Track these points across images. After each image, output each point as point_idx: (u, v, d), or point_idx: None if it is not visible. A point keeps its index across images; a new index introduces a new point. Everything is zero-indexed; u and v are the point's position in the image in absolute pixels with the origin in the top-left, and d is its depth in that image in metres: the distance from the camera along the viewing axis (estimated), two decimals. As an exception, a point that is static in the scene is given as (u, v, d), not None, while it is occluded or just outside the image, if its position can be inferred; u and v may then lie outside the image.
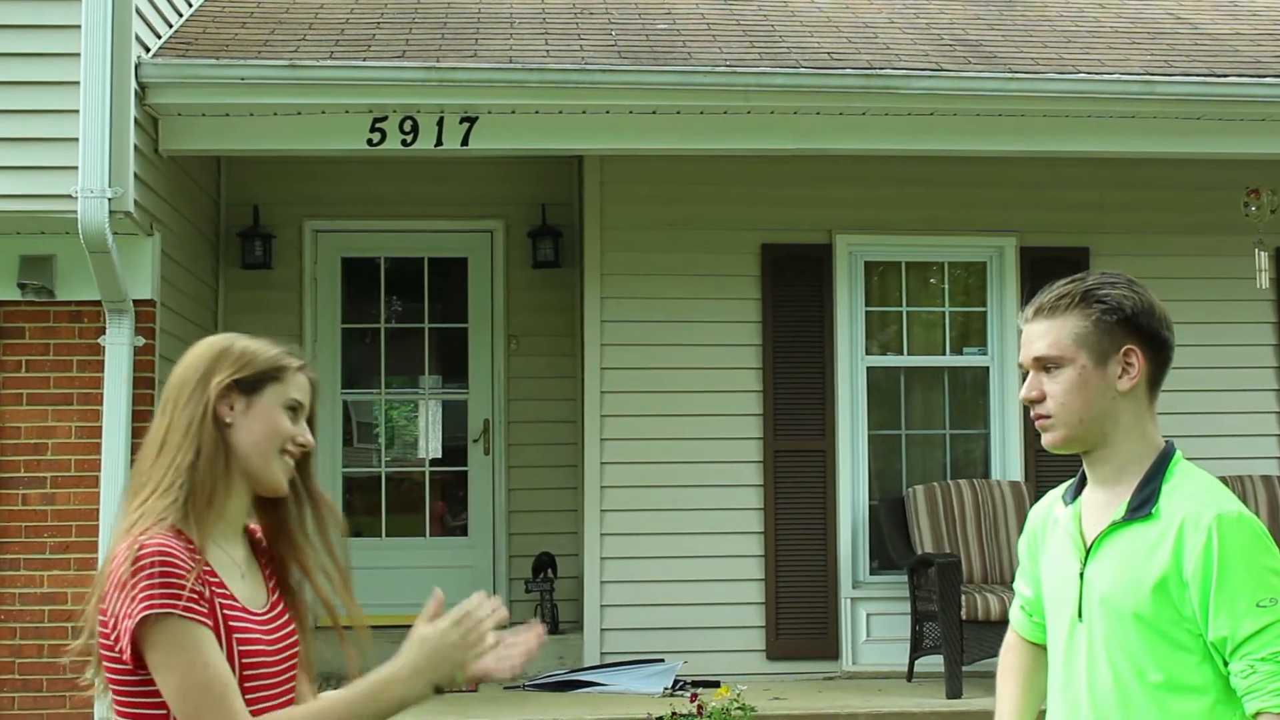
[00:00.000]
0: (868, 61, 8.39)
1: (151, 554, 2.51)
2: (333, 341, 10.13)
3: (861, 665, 9.17)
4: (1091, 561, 2.73)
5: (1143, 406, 2.76)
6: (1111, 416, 2.73)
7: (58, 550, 7.74)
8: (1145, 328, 2.74)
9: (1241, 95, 8.40)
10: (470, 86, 8.04)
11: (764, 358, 9.30)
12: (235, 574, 2.68)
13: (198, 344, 2.78)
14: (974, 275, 9.71)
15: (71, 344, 7.88)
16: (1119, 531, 2.70)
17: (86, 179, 7.33)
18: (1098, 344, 2.73)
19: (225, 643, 2.56)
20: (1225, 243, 9.29)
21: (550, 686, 8.74)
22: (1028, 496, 9.21)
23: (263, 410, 2.71)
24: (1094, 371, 2.72)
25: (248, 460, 2.69)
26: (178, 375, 2.72)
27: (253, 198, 9.93)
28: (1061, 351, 2.74)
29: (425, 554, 10.10)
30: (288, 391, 2.74)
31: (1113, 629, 2.66)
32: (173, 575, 2.50)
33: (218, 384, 2.68)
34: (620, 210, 9.33)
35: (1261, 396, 9.54)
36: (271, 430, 2.71)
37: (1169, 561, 2.61)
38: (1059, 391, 2.74)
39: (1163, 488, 2.69)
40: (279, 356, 2.76)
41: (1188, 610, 2.60)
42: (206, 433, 2.65)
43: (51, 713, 7.70)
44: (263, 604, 2.72)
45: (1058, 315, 2.75)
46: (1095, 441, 2.76)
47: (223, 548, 2.67)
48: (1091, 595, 2.71)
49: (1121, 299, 2.73)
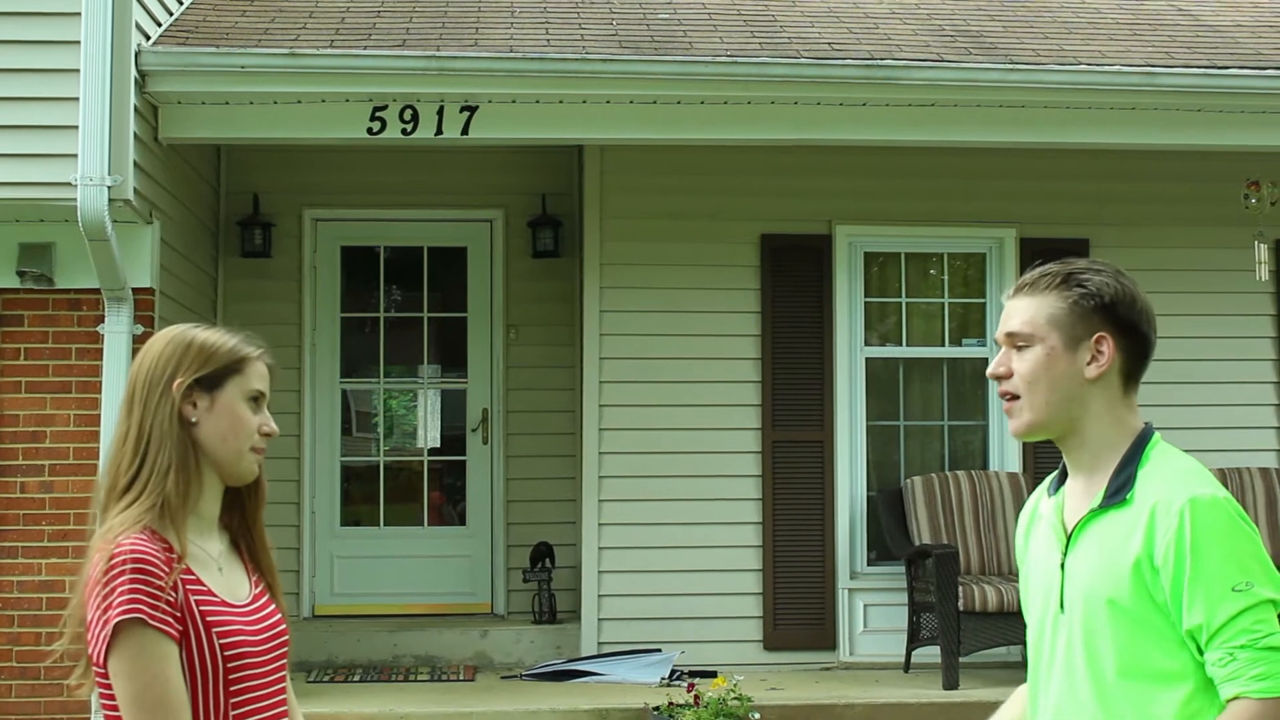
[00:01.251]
0: (868, 52, 8.38)
1: (125, 558, 2.52)
2: (332, 330, 10.13)
3: (858, 656, 9.18)
4: (1072, 551, 2.69)
5: (1115, 396, 2.71)
6: (1079, 402, 2.69)
7: (56, 538, 7.75)
8: (1122, 317, 2.70)
9: (1242, 87, 8.39)
10: (470, 76, 8.03)
11: (763, 348, 9.30)
12: (213, 568, 2.69)
13: (155, 338, 2.79)
14: (973, 266, 9.71)
15: (70, 332, 7.88)
16: (1096, 519, 2.66)
17: (86, 167, 7.32)
18: (1070, 327, 2.69)
19: (206, 639, 2.57)
20: (1225, 235, 9.29)
21: (547, 676, 8.75)
22: (1025, 488, 9.22)
23: (226, 406, 2.72)
24: (1062, 354, 2.69)
25: (217, 456, 2.71)
26: (141, 373, 2.73)
27: (252, 186, 9.92)
28: (1034, 330, 2.71)
29: (423, 543, 10.11)
30: (249, 383, 2.75)
31: (1090, 618, 2.60)
32: (146, 581, 2.51)
33: (179, 385, 2.68)
34: (620, 200, 9.33)
35: (1260, 389, 9.53)
36: (237, 425, 2.73)
37: (1141, 547, 2.55)
38: (1025, 370, 2.71)
39: (1138, 472, 2.64)
40: (237, 348, 2.76)
41: (1160, 597, 2.54)
42: (177, 435, 2.67)
43: (49, 700, 7.71)
44: (245, 595, 2.73)
45: (1037, 293, 2.73)
46: (1064, 429, 2.72)
47: (198, 543, 2.68)
48: (1071, 585, 2.66)
49: (1102, 285, 2.70)
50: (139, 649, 2.48)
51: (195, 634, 2.56)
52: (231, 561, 2.76)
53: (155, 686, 2.48)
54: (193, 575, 2.61)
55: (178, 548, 2.59)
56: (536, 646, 9.33)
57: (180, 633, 2.54)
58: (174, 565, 2.56)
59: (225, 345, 2.75)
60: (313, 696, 8.11)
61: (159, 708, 2.48)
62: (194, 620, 2.56)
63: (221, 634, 2.59)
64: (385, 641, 9.28)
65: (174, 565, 2.56)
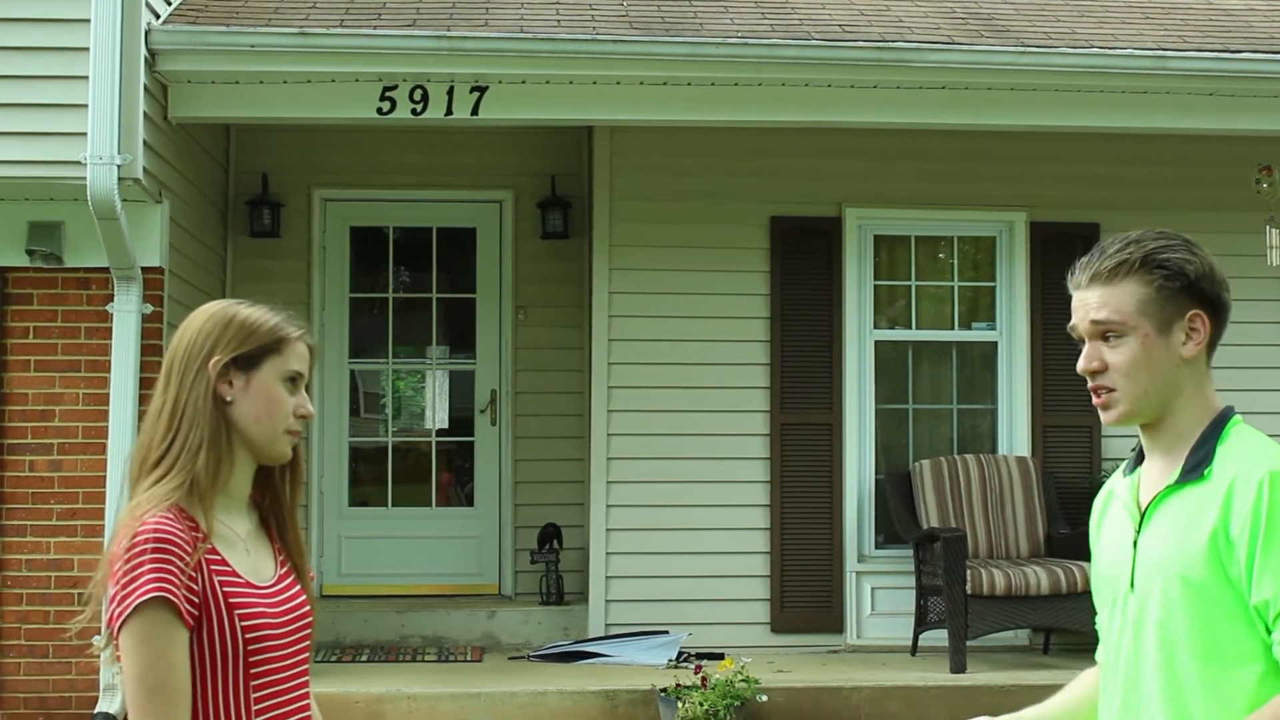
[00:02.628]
0: (879, 34, 8.36)
1: (149, 537, 2.51)
2: (340, 311, 10.12)
3: (866, 639, 9.18)
4: (1145, 528, 2.61)
5: (1202, 372, 2.63)
6: (1174, 386, 2.61)
7: (64, 517, 7.75)
8: (1208, 292, 2.61)
9: (1255, 71, 8.37)
10: (481, 56, 8.01)
11: (772, 330, 9.28)
12: (240, 548, 2.67)
13: (197, 313, 2.76)
14: (983, 250, 9.69)
15: (80, 311, 7.88)
16: (1172, 495, 2.58)
17: (96, 146, 7.31)
18: (1160, 311, 2.59)
19: (228, 620, 2.56)
20: (1236, 220, 9.25)
21: (555, 657, 8.76)
22: (1034, 472, 9.21)
23: (262, 386, 2.69)
24: (1158, 340, 2.59)
25: (250, 436, 2.68)
26: (180, 348, 2.70)
27: (261, 166, 9.91)
28: (1124, 318, 2.59)
29: (431, 524, 10.11)
30: (287, 364, 2.72)
31: (1164, 596, 2.54)
32: (169, 561, 2.50)
33: (216, 364, 2.66)
34: (629, 182, 9.32)
35: (1271, 374, 9.51)
36: (272, 406, 2.69)
37: (1217, 520, 2.48)
38: (1123, 363, 2.60)
39: (1218, 449, 2.57)
40: (278, 327, 2.73)
41: (1234, 572, 2.46)
42: (210, 414, 2.64)
43: (57, 679, 7.72)
44: (270, 576, 2.71)
45: (1117, 280, 2.61)
46: (1158, 413, 2.63)
47: (225, 522, 2.66)
48: (1143, 562, 2.59)
49: (1184, 263, 2.60)
50: (151, 629, 2.48)
51: (217, 614, 2.55)
52: (259, 541, 2.75)
53: (158, 668, 2.48)
54: (218, 555, 2.59)
55: (204, 527, 2.58)
56: (544, 628, 9.33)
57: (196, 617, 2.53)
58: (198, 545, 2.55)
59: (266, 324, 2.71)
60: (320, 676, 8.12)
61: (158, 690, 2.48)
62: (216, 601, 2.55)
63: (244, 615, 2.58)
64: (393, 622, 9.29)
65: (198, 545, 2.55)
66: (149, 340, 7.74)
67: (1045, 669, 8.44)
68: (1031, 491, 9.19)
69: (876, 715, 8.00)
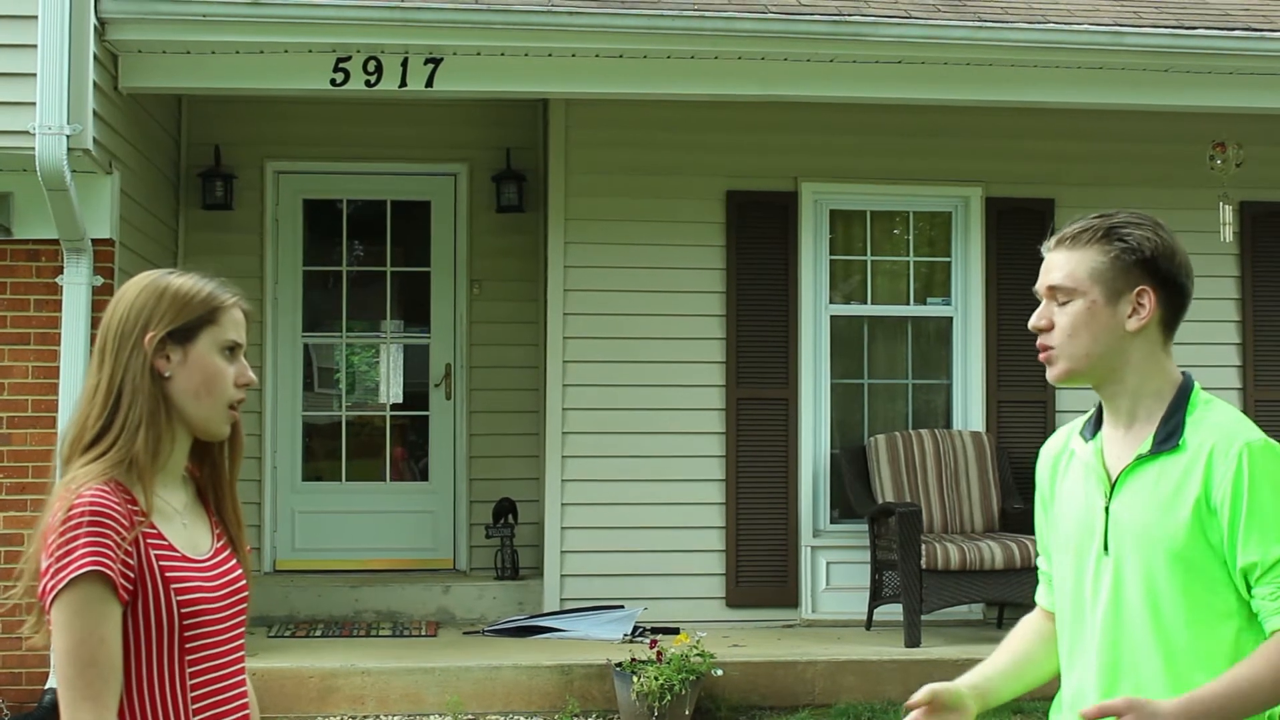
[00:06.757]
0: (837, 8, 8.34)
1: (85, 509, 2.47)
2: (294, 284, 10.04)
3: (821, 614, 9.20)
4: (1117, 496, 2.76)
5: (1155, 346, 2.78)
6: (1119, 354, 2.76)
7: (14, 491, 7.66)
8: (1163, 270, 2.76)
9: (1210, 48, 8.39)
10: (435, 26, 7.95)
11: (727, 305, 9.27)
12: (176, 522, 2.63)
13: (128, 285, 2.69)
14: (938, 225, 9.70)
15: (29, 283, 7.79)
16: (1146, 465, 2.74)
17: (45, 115, 7.24)
18: (1112, 281, 2.75)
19: (164, 594, 2.52)
20: (1191, 196, 9.28)
21: (510, 632, 8.75)
22: (989, 447, 9.24)
23: (200, 359, 2.64)
24: (1104, 308, 2.75)
25: (190, 412, 2.64)
26: (114, 323, 2.64)
27: (214, 137, 9.81)
28: (1075, 284, 2.76)
29: (386, 499, 10.07)
30: (224, 333, 2.67)
31: (1145, 562, 2.69)
32: (104, 534, 2.46)
33: (151, 339, 2.61)
34: (585, 155, 9.28)
35: (1223, 350, 9.58)
36: (211, 381, 2.65)
37: (1199, 490, 2.66)
38: (1065, 324, 2.77)
39: (1186, 420, 2.73)
40: (212, 296, 2.68)
41: (1214, 538, 2.65)
42: (148, 390, 2.59)
43: (6, 654, 7.66)
44: (206, 550, 2.67)
45: (1078, 247, 2.78)
46: (1104, 377, 2.79)
47: (162, 495, 2.61)
48: (1119, 529, 2.74)
49: (1143, 240, 2.76)
50: (83, 604, 2.44)
51: (153, 588, 2.51)
52: (195, 513, 2.71)
53: (90, 643, 2.44)
54: (154, 530, 2.55)
55: (144, 505, 2.54)
56: (499, 602, 9.31)
57: (131, 592, 2.49)
58: (135, 521, 2.51)
59: (200, 294, 2.66)
60: (273, 651, 8.08)
61: (89, 665, 2.44)
62: (152, 574, 2.51)
63: (180, 590, 2.54)
64: (347, 597, 9.25)
65: (135, 521, 2.51)
66: (99, 313, 7.64)
67: (999, 643, 8.46)
68: (986, 466, 9.22)
69: (831, 689, 8.02)
